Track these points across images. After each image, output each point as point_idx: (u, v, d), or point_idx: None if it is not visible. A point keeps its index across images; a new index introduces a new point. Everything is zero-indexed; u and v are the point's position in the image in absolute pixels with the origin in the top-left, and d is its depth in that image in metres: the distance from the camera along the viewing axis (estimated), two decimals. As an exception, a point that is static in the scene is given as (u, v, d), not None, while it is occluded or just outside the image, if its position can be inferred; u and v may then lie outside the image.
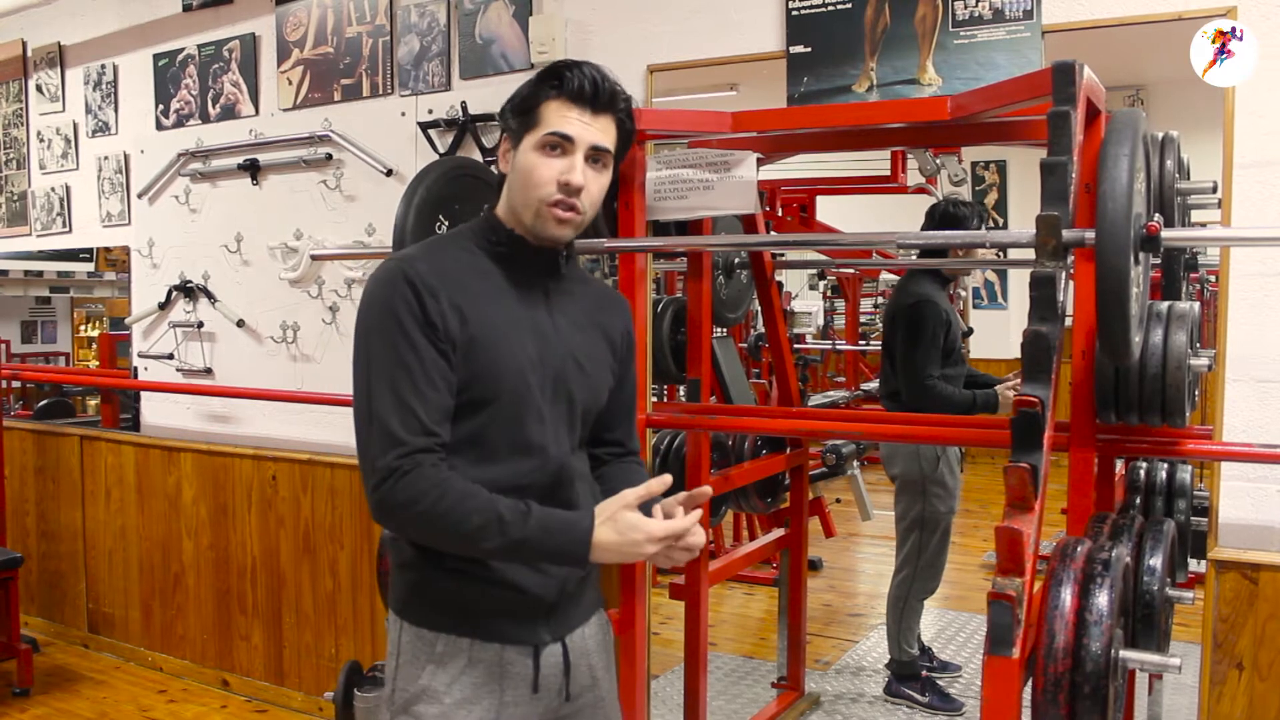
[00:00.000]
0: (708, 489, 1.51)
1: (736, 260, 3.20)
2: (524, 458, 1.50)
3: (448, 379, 1.44)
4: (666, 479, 1.46)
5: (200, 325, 3.88)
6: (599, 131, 1.48)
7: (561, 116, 1.46)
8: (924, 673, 3.52)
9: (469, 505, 1.39)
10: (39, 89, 4.40)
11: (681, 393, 3.16)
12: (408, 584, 1.56)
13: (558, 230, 1.49)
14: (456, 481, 1.41)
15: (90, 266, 7.90)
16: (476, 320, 1.47)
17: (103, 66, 4.16)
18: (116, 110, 4.14)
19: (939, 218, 3.43)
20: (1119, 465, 2.19)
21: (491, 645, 1.51)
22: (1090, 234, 1.54)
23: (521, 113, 1.50)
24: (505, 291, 1.52)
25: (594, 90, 1.47)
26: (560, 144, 1.47)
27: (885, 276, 7.52)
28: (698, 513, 1.44)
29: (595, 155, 1.49)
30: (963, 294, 6.85)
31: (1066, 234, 1.56)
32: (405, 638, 1.54)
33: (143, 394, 4.13)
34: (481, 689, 1.51)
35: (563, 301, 1.58)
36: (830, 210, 4.61)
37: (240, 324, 3.76)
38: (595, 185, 1.50)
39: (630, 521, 1.40)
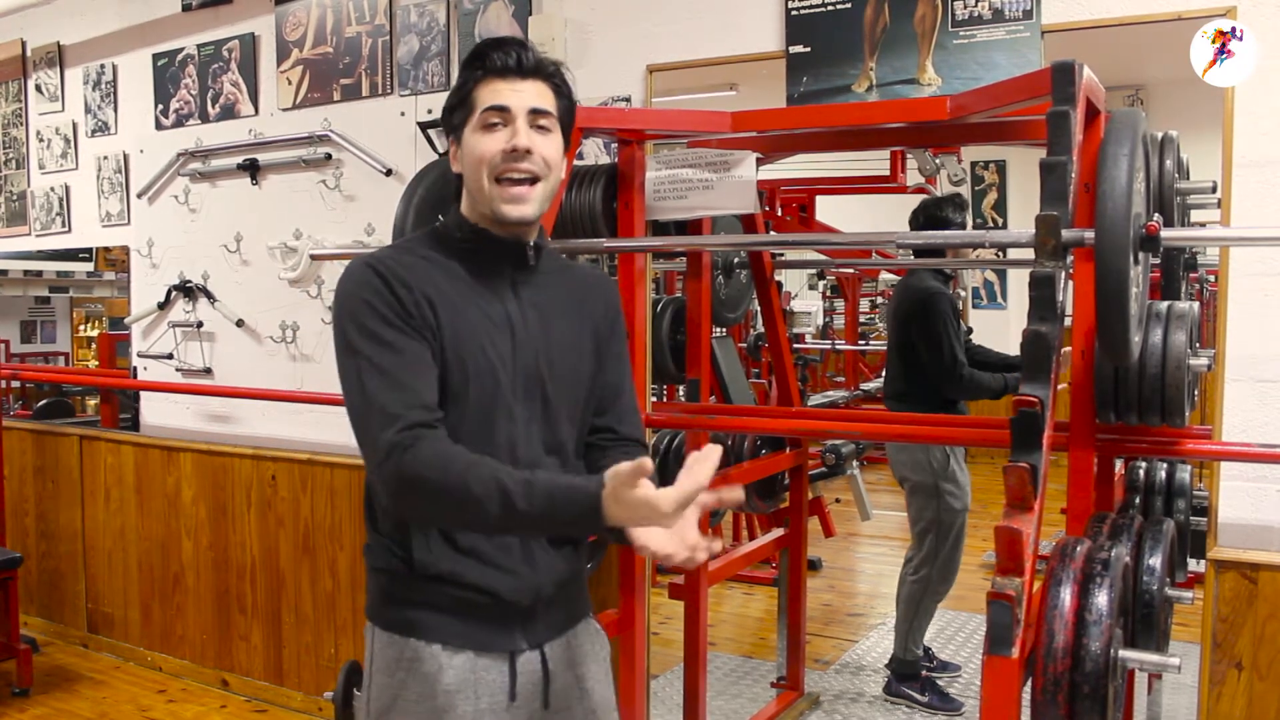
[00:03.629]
0: (717, 448, 1.29)
1: (736, 260, 3.20)
2: (491, 457, 1.41)
3: (429, 363, 1.42)
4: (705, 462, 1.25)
5: (200, 325, 3.88)
6: (533, 94, 1.46)
7: (492, 91, 1.45)
8: (924, 672, 3.52)
9: (470, 475, 1.31)
10: (38, 89, 4.40)
11: (681, 393, 3.16)
12: (379, 587, 1.52)
13: (515, 208, 1.45)
14: (459, 453, 1.35)
15: (90, 266, 7.89)
16: (447, 316, 1.44)
17: (102, 66, 4.15)
18: (116, 110, 4.14)
19: (924, 220, 3.45)
20: (1118, 465, 2.19)
21: (464, 653, 1.46)
22: (1090, 234, 1.54)
23: (457, 106, 1.49)
24: (472, 288, 1.48)
25: (518, 60, 1.45)
26: (498, 116, 1.44)
27: (885, 276, 7.52)
28: (706, 469, 1.23)
29: (537, 118, 1.46)
30: (962, 293, 6.85)
31: (1066, 234, 1.56)
32: (377, 644, 1.51)
33: (142, 394, 4.13)
34: (455, 697, 1.45)
35: (534, 295, 1.52)
36: (830, 210, 4.61)
37: (240, 324, 3.76)
38: (546, 146, 1.46)
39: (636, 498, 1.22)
